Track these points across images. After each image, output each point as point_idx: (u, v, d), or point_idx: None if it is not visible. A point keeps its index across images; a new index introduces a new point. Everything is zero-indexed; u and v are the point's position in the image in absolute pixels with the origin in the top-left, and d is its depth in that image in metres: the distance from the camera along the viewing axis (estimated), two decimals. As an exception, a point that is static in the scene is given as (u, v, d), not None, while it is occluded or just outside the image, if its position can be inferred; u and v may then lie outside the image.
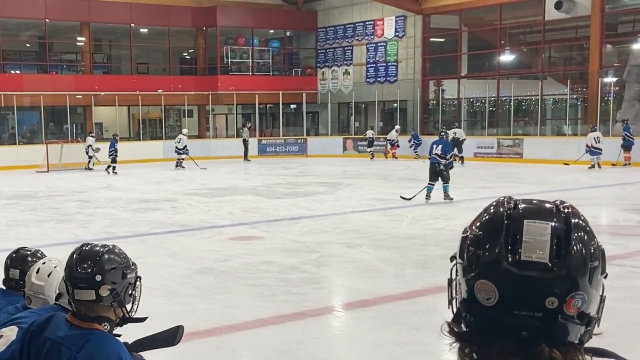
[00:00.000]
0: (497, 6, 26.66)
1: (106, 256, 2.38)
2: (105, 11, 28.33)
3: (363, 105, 32.35)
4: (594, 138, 21.04)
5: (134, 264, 2.49)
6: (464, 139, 24.46)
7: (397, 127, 28.08)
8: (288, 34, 33.71)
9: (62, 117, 29.84)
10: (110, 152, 22.32)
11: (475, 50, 30.08)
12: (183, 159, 24.05)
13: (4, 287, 3.37)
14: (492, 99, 27.75)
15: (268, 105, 33.48)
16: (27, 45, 32.01)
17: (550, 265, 1.16)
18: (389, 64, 30.33)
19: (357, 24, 31.32)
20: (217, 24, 30.22)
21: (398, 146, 27.37)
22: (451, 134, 21.84)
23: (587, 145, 21.21)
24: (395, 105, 29.94)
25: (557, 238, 1.18)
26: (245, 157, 27.39)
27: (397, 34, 29.92)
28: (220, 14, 30.19)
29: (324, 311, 7.13)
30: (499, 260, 1.20)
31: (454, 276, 1.34)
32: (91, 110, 29.08)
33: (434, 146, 14.40)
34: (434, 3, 28.56)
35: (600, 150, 20.94)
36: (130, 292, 2.44)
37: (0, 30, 27.07)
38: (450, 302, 1.35)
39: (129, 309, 2.47)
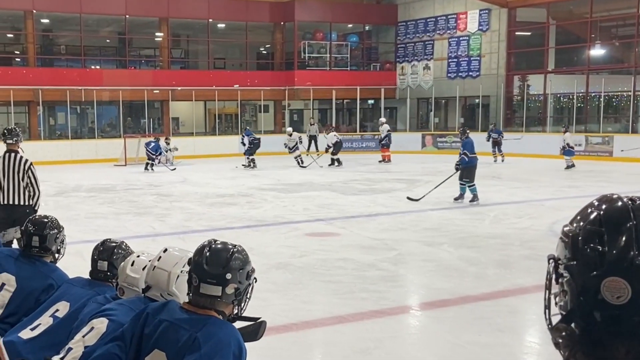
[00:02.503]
0: (587, -2, 25.94)
1: (236, 255, 2.53)
2: (184, 7, 28.93)
3: (443, 101, 32.01)
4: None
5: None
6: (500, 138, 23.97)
7: (382, 119, 26.24)
8: (367, 28, 33.65)
9: (139, 112, 30.65)
10: (157, 154, 22.42)
11: (563, 44, 29.32)
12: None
13: (90, 278, 3.45)
14: (581, 94, 26.98)
15: (345, 101, 33.52)
16: (107, 41, 33.00)
17: None
18: (471, 58, 29.91)
19: (438, 18, 31.00)
20: (295, 19, 30.44)
21: (388, 147, 24.69)
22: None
23: None
24: (477, 100, 29.52)
25: None
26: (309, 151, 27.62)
27: (480, 27, 29.47)
28: (299, 8, 30.39)
29: (403, 310, 7.09)
30: (631, 256, 1.16)
31: (555, 278, 1.29)
32: (168, 105, 29.76)
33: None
34: (520, -5, 28.01)
35: None
36: (248, 291, 2.59)
37: (82, 27, 27.98)
38: (547, 306, 1.32)
39: (242, 308, 2.61)
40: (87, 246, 3.73)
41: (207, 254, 2.50)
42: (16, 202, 7.07)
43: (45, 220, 3.68)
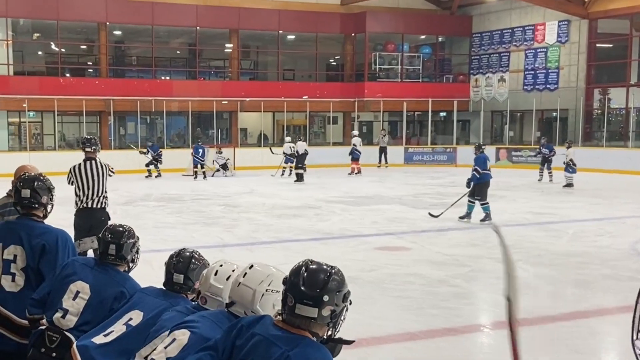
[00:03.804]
0: (674, 9, 25.19)
1: (334, 276, 2.51)
2: (254, 18, 29.34)
3: (519, 114, 31.50)
4: None
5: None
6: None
7: (354, 132, 26.75)
8: (440, 39, 33.44)
9: (208, 122, 31.17)
10: (201, 158, 22.87)
11: (647, 56, 28.51)
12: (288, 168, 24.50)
13: (164, 289, 3.48)
14: (666, 109, 26.16)
15: (416, 113, 33.34)
16: (178, 52, 33.74)
17: None
18: (549, 70, 29.37)
19: (515, 29, 30.58)
20: (366, 30, 30.49)
21: (357, 159, 25.01)
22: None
23: None
24: (554, 114, 28.94)
25: None
26: (382, 162, 27.59)
27: (559, 39, 28.93)
28: (370, 19, 30.44)
29: (475, 328, 6.97)
30: None
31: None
32: (237, 115, 30.17)
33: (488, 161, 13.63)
34: (602, 7, 27.36)
35: None
36: (344, 314, 2.57)
37: (153, 38, 28.68)
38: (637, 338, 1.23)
39: (336, 329, 2.59)
40: (155, 255, 3.79)
41: (305, 274, 2.49)
42: (93, 206, 7.53)
43: (122, 229, 3.75)
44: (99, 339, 3.20)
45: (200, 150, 23.01)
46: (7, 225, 4.03)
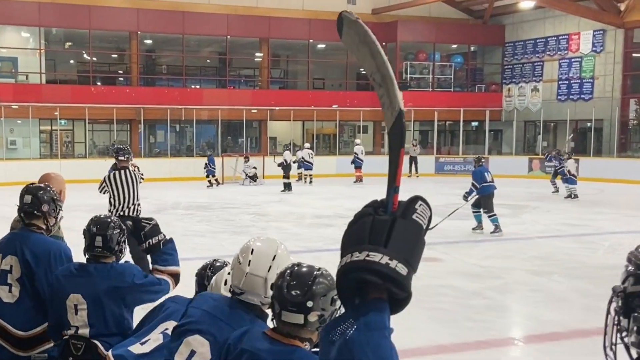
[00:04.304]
0: None
1: (318, 279, 2.37)
2: (285, 27, 29.45)
3: (552, 124, 31.20)
4: None
5: None
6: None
7: (357, 140, 27.19)
8: (472, 48, 33.28)
9: (237, 131, 31.30)
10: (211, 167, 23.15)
11: (685, 65, 28.12)
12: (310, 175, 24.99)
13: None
14: None
15: (447, 122, 33.19)
16: (208, 61, 33.96)
17: None
18: (583, 80, 29.07)
19: (549, 38, 30.33)
20: (397, 39, 30.44)
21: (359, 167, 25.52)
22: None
23: None
24: (589, 124, 28.61)
25: None
26: (411, 173, 27.56)
27: (594, 48, 28.64)
28: (401, 28, 30.40)
29: (509, 342, 6.88)
30: None
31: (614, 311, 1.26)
32: (266, 124, 30.26)
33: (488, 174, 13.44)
34: (638, 16, 27.01)
35: None
36: (335, 316, 2.44)
37: (184, 47, 28.91)
38: (613, 343, 1.29)
39: None
40: (184, 264, 3.75)
41: (288, 279, 2.36)
42: (128, 214, 7.75)
43: (108, 220, 3.67)
44: (136, 348, 3.17)
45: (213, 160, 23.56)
46: (9, 235, 4.02)
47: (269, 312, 2.59)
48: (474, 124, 33.21)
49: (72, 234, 4.63)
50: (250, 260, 2.68)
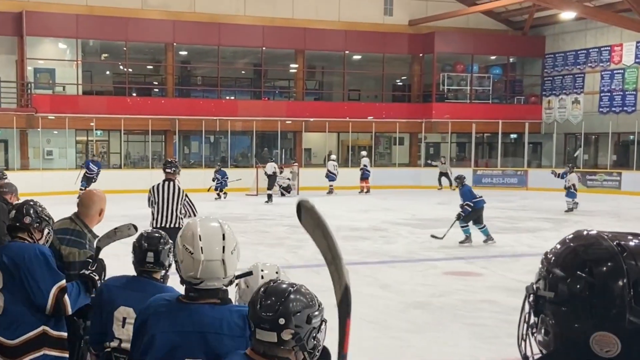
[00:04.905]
0: None
1: (292, 296, 2.29)
2: (321, 39, 29.44)
3: (593, 137, 30.72)
4: None
5: (320, 305, 2.36)
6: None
7: (363, 152, 27.72)
8: (511, 60, 32.96)
9: (272, 142, 31.32)
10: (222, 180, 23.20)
11: None
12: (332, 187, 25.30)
13: None
14: None
15: (485, 135, 32.87)
16: (242, 72, 34.09)
17: None
18: (626, 92, 28.58)
19: (590, 50, 29.91)
20: (434, 50, 30.25)
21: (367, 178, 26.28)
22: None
23: None
24: (632, 137, 28.10)
25: None
26: (441, 186, 27.33)
27: (637, 60, 28.15)
28: (439, 40, 30.20)
29: (554, 359, 6.65)
30: (624, 312, 1.16)
31: (527, 309, 1.39)
32: (301, 136, 30.24)
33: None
34: (682, 26, 26.56)
35: None
36: (314, 335, 2.33)
37: (219, 58, 29.05)
38: (522, 338, 1.43)
39: (311, 353, 2.35)
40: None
41: (262, 296, 2.30)
42: (167, 225, 7.93)
43: (158, 235, 3.70)
44: None
45: (221, 170, 23.72)
46: None
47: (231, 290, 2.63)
48: (513, 136, 32.86)
49: (117, 244, 4.60)
50: (202, 247, 2.60)
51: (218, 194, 23.11)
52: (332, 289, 2.54)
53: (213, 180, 23.57)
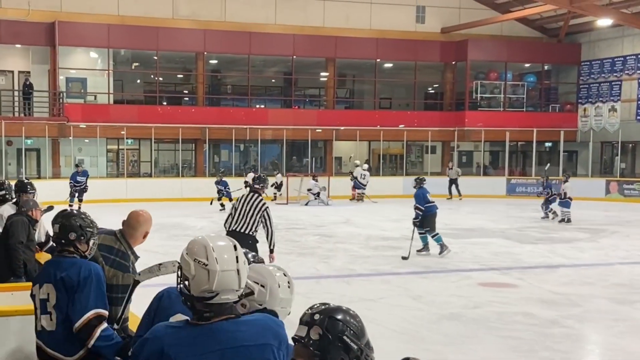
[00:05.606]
0: None
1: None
2: (352, 47, 29.40)
3: (631, 145, 30.28)
4: None
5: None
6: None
7: (357, 161, 27.56)
8: (546, 67, 32.64)
9: (302, 151, 31.34)
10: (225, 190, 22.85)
11: None
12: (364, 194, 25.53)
13: None
14: None
15: (519, 143, 32.56)
16: (273, 80, 34.18)
17: None
18: (663, 100, 28.16)
19: (627, 57, 29.52)
20: (467, 58, 30.06)
21: (358, 187, 26.13)
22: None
23: None
24: (670, 146, 27.68)
25: None
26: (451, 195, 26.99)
27: (675, 67, 27.77)
28: (472, 47, 30.01)
29: (593, 374, 6.54)
30: None
31: None
32: (332, 144, 30.20)
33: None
34: None
35: None
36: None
37: (249, 67, 29.16)
38: None
39: None
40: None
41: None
42: (241, 230, 8.54)
43: None
44: None
45: (222, 180, 23.21)
46: (45, 264, 4.10)
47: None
48: (548, 144, 32.51)
49: (144, 254, 4.62)
50: (216, 258, 2.57)
51: (222, 204, 22.71)
52: (364, 300, 2.52)
53: (218, 192, 23.23)
